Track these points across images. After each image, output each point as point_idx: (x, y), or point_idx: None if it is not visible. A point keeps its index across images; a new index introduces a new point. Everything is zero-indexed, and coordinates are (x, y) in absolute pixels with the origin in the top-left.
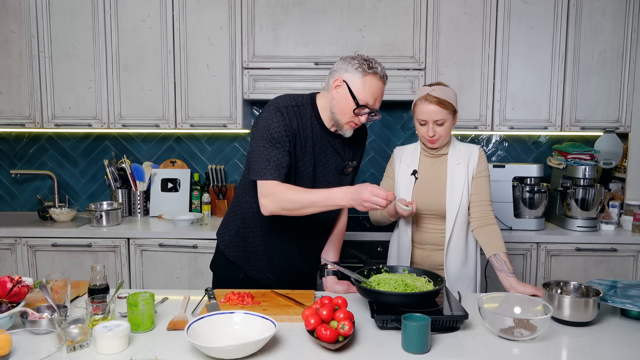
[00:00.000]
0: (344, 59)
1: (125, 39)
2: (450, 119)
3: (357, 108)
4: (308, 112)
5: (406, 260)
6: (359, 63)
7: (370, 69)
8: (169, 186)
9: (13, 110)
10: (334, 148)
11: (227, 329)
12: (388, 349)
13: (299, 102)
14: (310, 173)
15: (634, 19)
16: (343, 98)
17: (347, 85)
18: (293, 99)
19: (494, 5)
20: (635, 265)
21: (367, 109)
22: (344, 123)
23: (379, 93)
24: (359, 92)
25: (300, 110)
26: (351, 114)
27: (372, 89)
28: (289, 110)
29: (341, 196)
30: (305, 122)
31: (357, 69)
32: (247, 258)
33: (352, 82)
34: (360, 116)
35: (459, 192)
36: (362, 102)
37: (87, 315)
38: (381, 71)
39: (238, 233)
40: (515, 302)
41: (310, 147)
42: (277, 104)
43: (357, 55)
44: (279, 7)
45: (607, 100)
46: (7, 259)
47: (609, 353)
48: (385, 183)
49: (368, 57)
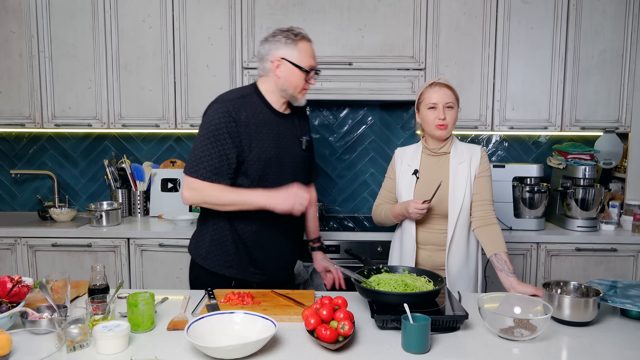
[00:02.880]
0: (267, 41)
1: (125, 39)
2: (456, 108)
3: (307, 74)
4: (255, 99)
5: (410, 261)
6: (285, 36)
7: (297, 36)
8: (169, 186)
9: (13, 110)
10: (287, 128)
11: (227, 329)
12: (388, 349)
13: (243, 93)
14: (274, 157)
15: (634, 19)
16: (289, 73)
17: (288, 60)
18: (237, 92)
19: (494, 5)
20: (635, 265)
21: (313, 71)
22: (297, 93)
23: (313, 52)
24: (300, 61)
25: (247, 100)
26: (303, 82)
27: (308, 52)
28: (234, 103)
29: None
30: (255, 110)
31: (287, 42)
32: (227, 262)
33: (290, 55)
34: (310, 80)
35: (461, 192)
36: (308, 66)
37: (87, 315)
38: (305, 33)
39: (213, 241)
40: (515, 302)
41: (266, 132)
42: (222, 99)
43: (276, 31)
44: (279, 7)
45: (607, 100)
46: (7, 259)
47: (609, 353)
48: (386, 184)
49: (286, 28)
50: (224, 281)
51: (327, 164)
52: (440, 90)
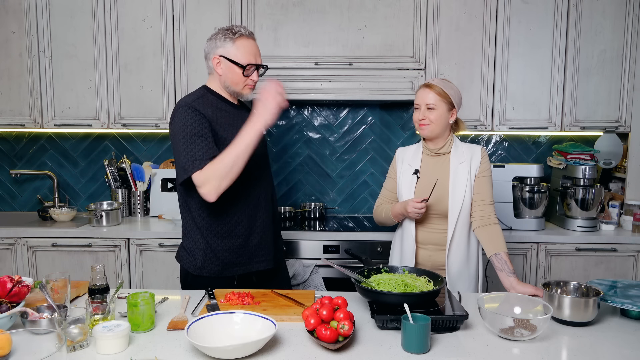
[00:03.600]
0: (209, 40)
1: (125, 39)
2: (443, 109)
3: (244, 70)
4: (211, 97)
5: (410, 261)
6: (223, 34)
7: (235, 34)
8: (169, 186)
9: (13, 110)
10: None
11: (227, 329)
12: (388, 349)
13: (198, 94)
14: None
15: (634, 19)
16: (229, 70)
17: (225, 57)
18: (193, 95)
19: (494, 5)
20: (635, 265)
21: (254, 67)
22: (240, 89)
23: (254, 49)
24: (238, 57)
25: (205, 99)
26: (242, 78)
27: (247, 49)
28: (197, 103)
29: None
30: (215, 107)
31: (225, 40)
32: (226, 264)
33: (227, 52)
34: (250, 76)
35: (462, 192)
36: (245, 63)
37: (87, 315)
38: (245, 31)
39: (209, 246)
40: (515, 302)
41: (230, 122)
42: (184, 103)
43: (218, 30)
44: (279, 7)
45: (607, 100)
46: (7, 259)
47: (609, 353)
48: (387, 184)
49: (228, 26)
50: (223, 281)
51: (327, 164)
52: (424, 91)
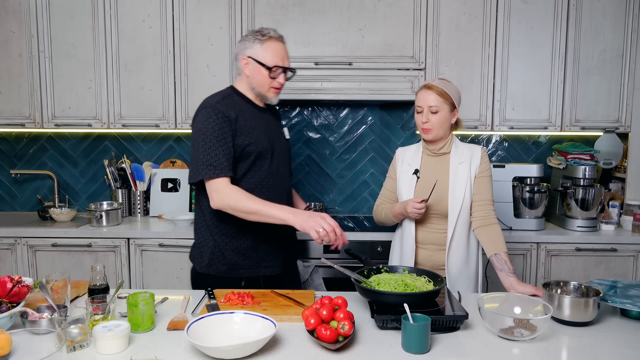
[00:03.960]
0: (240, 42)
1: (125, 39)
2: (446, 111)
3: (270, 72)
4: (236, 98)
5: (410, 261)
6: (253, 36)
7: (264, 36)
8: (169, 186)
9: (13, 110)
10: (270, 120)
11: (227, 329)
12: (388, 349)
13: (224, 94)
14: (268, 146)
15: (634, 19)
16: (256, 71)
17: (253, 58)
18: (218, 95)
19: (494, 5)
20: (635, 265)
21: (280, 69)
22: (266, 91)
23: (282, 52)
24: (265, 59)
25: (230, 100)
26: (268, 80)
27: (275, 51)
28: (221, 104)
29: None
30: (240, 108)
31: (254, 41)
32: (232, 265)
33: (255, 54)
34: (277, 78)
35: (461, 192)
36: (272, 64)
37: (87, 315)
38: (275, 34)
39: (216, 245)
40: (515, 302)
41: (255, 124)
42: (208, 103)
43: (249, 32)
44: (279, 7)
45: (607, 100)
46: (7, 259)
47: (609, 353)
48: (387, 184)
49: (259, 28)
50: (229, 282)
51: (327, 164)
52: (426, 93)
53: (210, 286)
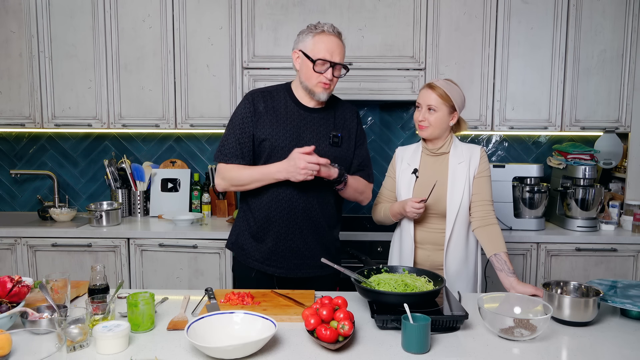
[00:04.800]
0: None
1: (125, 39)
2: (444, 112)
3: (314, 65)
4: (282, 94)
5: (409, 260)
6: (308, 29)
7: (317, 29)
8: (169, 186)
9: (13, 110)
10: (314, 123)
11: (227, 329)
12: (388, 349)
13: (273, 88)
14: (289, 146)
15: (634, 19)
16: (304, 64)
17: (302, 51)
18: (270, 87)
19: (494, 5)
20: (635, 265)
21: (328, 64)
22: (313, 86)
23: (333, 46)
24: (312, 52)
25: (273, 94)
26: (314, 74)
27: (324, 44)
28: (257, 95)
29: (275, 170)
30: (278, 103)
31: (307, 35)
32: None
33: (305, 46)
34: (324, 73)
35: (460, 191)
36: (316, 57)
37: (87, 315)
38: (329, 28)
39: (249, 227)
40: (515, 302)
41: (284, 123)
42: (251, 91)
43: (307, 26)
44: (279, 7)
45: (607, 100)
46: (7, 259)
47: (609, 353)
48: (387, 183)
49: (317, 22)
50: (265, 277)
51: None
52: (427, 92)
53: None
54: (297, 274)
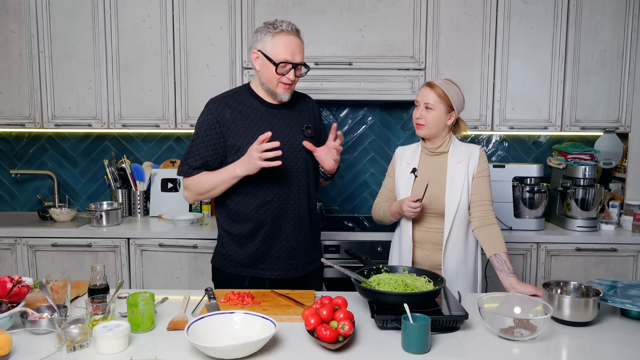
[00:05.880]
0: (254, 33)
1: (125, 39)
2: (442, 111)
3: (277, 68)
4: (244, 96)
5: (407, 260)
6: (265, 28)
7: (276, 29)
8: (169, 186)
9: (13, 110)
10: (284, 118)
11: (227, 329)
12: (388, 349)
13: (233, 92)
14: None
15: (634, 19)
16: (264, 66)
17: (262, 52)
18: (227, 92)
19: (494, 5)
20: (635, 265)
21: (289, 65)
22: (274, 87)
23: (294, 46)
24: (272, 53)
25: (235, 97)
26: (276, 76)
27: (284, 45)
28: (217, 104)
29: (234, 167)
30: (243, 106)
31: (265, 34)
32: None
33: (264, 47)
34: (286, 74)
35: (458, 191)
36: (279, 60)
37: (87, 315)
38: (287, 26)
39: (223, 230)
40: (515, 302)
41: (257, 124)
42: (209, 101)
43: (263, 23)
44: (279, 7)
45: (607, 100)
46: (7, 259)
47: (609, 353)
48: (386, 182)
49: (273, 20)
50: (238, 280)
51: None
52: (426, 90)
53: (218, 278)
54: (294, 274)
